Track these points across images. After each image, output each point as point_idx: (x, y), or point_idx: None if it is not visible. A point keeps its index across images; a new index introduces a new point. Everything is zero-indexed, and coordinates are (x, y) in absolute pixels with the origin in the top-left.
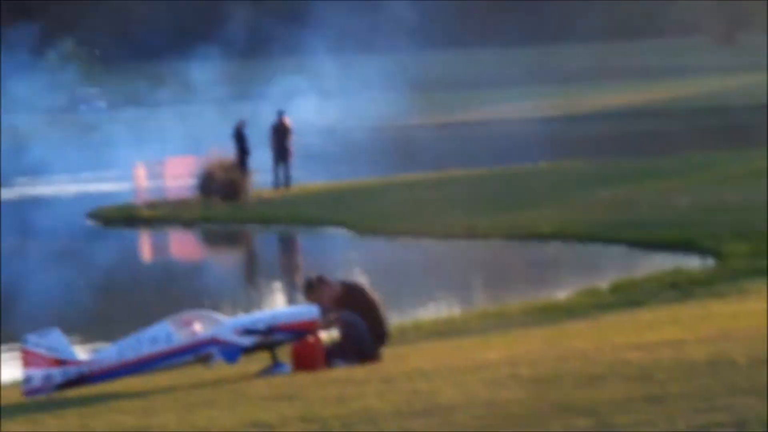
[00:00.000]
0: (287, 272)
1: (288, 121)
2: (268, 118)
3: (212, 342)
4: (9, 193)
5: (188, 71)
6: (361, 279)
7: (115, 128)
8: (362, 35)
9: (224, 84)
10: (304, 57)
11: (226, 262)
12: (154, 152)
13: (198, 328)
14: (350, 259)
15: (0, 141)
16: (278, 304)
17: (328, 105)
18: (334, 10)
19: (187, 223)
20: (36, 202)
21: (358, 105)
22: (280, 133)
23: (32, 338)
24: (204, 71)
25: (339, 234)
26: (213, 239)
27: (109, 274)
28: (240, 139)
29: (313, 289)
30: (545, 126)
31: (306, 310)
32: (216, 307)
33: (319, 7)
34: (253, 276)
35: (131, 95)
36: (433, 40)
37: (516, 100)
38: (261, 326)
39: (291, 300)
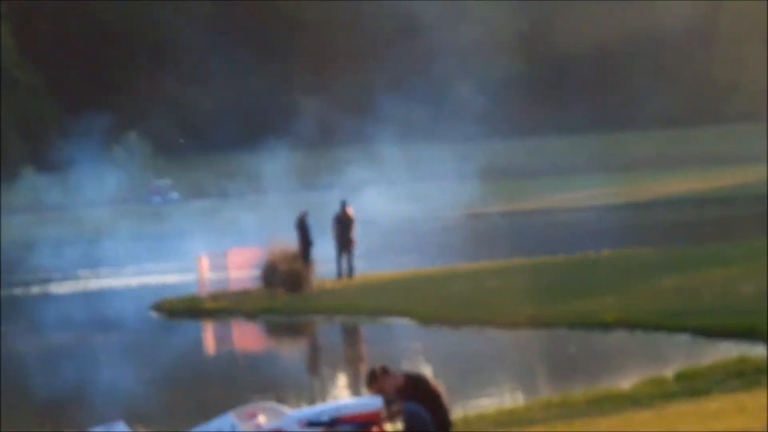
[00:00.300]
0: (351, 363)
1: (351, 211)
2: (334, 208)
3: None
4: (76, 286)
5: (256, 162)
6: (425, 369)
7: (183, 219)
8: (428, 124)
9: (292, 174)
10: (372, 146)
11: (289, 353)
12: (222, 243)
13: (262, 420)
14: (414, 349)
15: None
16: (342, 396)
17: (394, 194)
18: (401, 101)
19: (250, 315)
20: (101, 294)
21: (423, 194)
22: (342, 223)
23: (99, 430)
24: (272, 162)
25: (403, 324)
26: (276, 330)
27: (172, 366)
28: (303, 229)
29: (376, 380)
30: (609, 213)
31: (370, 402)
32: (279, 399)
33: (385, 98)
34: (316, 367)
35: (198, 187)
36: (498, 128)
37: (581, 187)
38: (325, 418)
39: (354, 391)
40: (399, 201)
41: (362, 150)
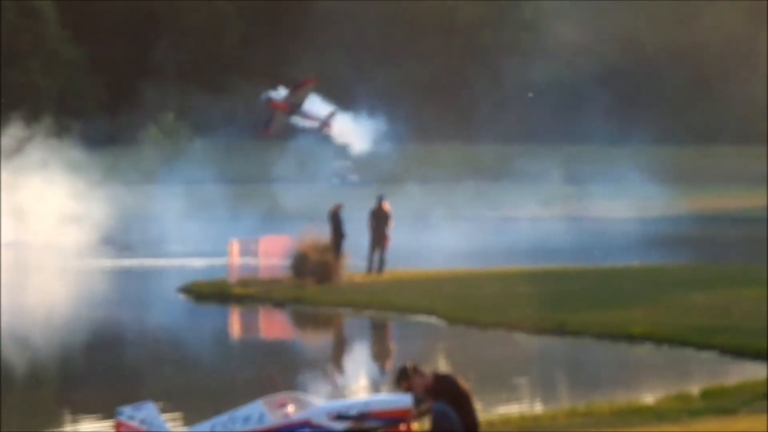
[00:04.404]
0: (376, 358)
1: (387, 206)
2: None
3: (305, 425)
4: (120, 263)
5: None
6: (449, 369)
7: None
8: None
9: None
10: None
11: (315, 344)
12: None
13: (291, 410)
14: (439, 348)
15: None
16: (365, 391)
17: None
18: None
19: (278, 303)
20: (138, 273)
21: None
22: (378, 218)
23: (126, 410)
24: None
25: (429, 322)
26: (303, 320)
27: (199, 351)
28: (335, 221)
29: (407, 377)
30: (644, 225)
31: (399, 399)
32: (303, 389)
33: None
34: (341, 360)
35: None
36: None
37: (638, 197)
38: (354, 412)
39: (377, 387)
40: (427, 200)
41: None
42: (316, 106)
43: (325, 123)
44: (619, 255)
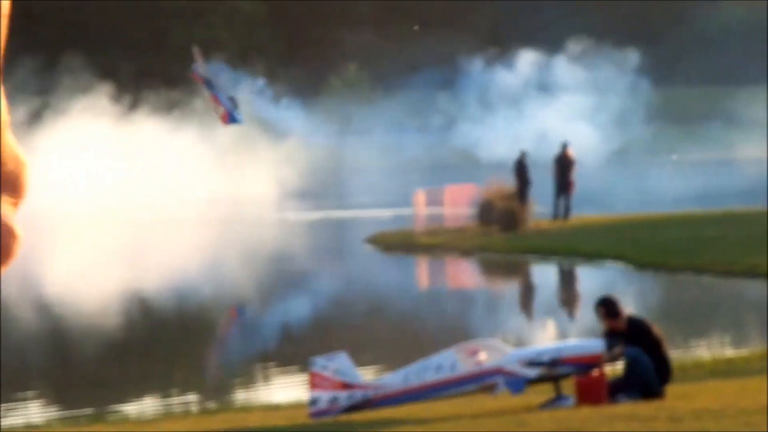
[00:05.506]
0: (565, 304)
1: (571, 152)
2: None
3: (497, 372)
4: (311, 215)
5: None
6: (639, 314)
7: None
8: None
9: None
10: None
11: (503, 292)
12: None
13: (483, 357)
14: (629, 293)
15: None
16: (554, 337)
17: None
18: None
19: (464, 252)
20: (328, 224)
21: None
22: (562, 165)
23: (320, 361)
24: None
25: (617, 268)
26: (490, 268)
27: (388, 301)
28: (521, 168)
29: (616, 314)
30: None
31: (591, 344)
32: (494, 337)
33: None
34: (530, 307)
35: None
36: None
37: None
38: (546, 358)
39: (564, 333)
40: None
41: None
42: (223, 83)
43: (228, 112)
44: None
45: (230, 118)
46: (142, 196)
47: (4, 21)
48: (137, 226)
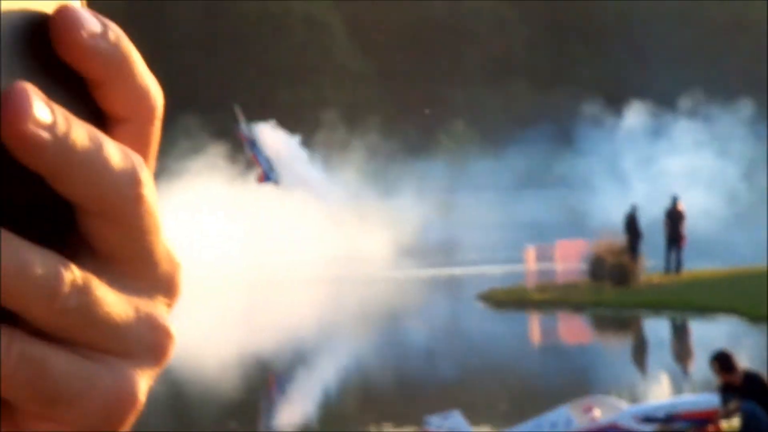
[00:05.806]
0: (678, 359)
1: (682, 206)
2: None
3: (613, 428)
4: (428, 271)
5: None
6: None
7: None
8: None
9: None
10: None
11: (616, 346)
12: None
13: (597, 414)
14: (743, 346)
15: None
16: (668, 392)
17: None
18: None
19: (576, 307)
20: (438, 281)
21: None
22: (673, 219)
23: (435, 420)
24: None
25: (731, 321)
26: (603, 324)
27: (501, 357)
28: (632, 223)
29: (731, 368)
30: None
31: (706, 399)
32: (607, 393)
33: None
34: (644, 362)
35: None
36: None
37: None
38: (661, 414)
39: (678, 388)
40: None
41: None
42: (271, 142)
43: (265, 173)
44: None
45: (266, 178)
46: (258, 256)
47: (158, 123)
48: (253, 286)
